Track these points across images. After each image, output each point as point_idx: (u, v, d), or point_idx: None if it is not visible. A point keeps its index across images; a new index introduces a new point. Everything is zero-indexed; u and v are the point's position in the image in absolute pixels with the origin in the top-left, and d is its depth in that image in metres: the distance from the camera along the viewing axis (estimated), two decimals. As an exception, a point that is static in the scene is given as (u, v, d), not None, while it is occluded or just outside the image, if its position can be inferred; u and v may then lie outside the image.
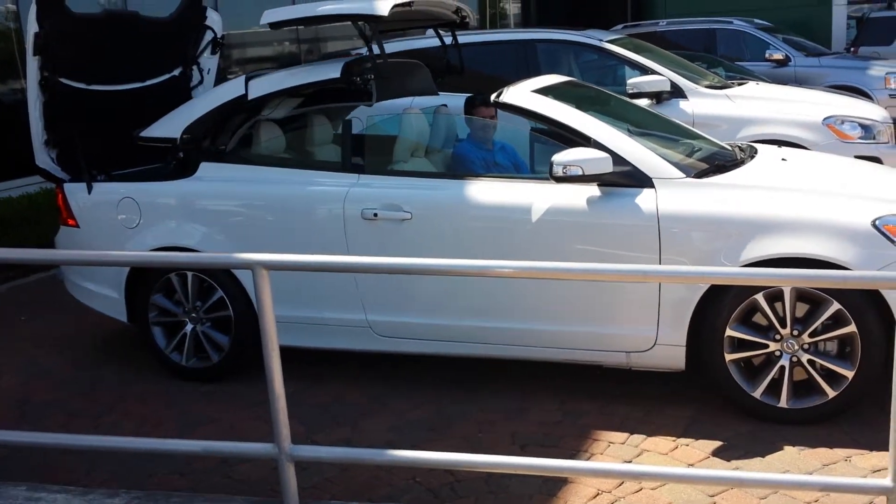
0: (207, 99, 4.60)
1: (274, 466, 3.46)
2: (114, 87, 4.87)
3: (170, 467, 3.58)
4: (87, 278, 4.74)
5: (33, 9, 4.47)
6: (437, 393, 4.17)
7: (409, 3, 4.34)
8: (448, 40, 5.67)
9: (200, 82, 5.50)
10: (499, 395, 4.08)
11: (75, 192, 4.66)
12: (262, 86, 4.47)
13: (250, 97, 4.47)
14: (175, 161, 4.68)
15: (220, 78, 5.62)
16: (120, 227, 4.52)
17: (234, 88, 4.52)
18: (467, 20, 5.35)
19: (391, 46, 7.45)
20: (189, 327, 4.45)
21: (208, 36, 5.48)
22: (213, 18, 5.53)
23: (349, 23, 4.52)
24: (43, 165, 4.75)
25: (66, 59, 4.62)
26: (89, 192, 4.61)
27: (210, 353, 4.44)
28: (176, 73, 5.31)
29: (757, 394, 3.62)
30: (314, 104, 4.96)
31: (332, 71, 4.36)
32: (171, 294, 4.46)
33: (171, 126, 4.52)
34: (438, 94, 5.40)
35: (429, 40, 7.59)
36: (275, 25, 4.40)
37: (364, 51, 5.45)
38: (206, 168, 4.49)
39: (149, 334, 4.52)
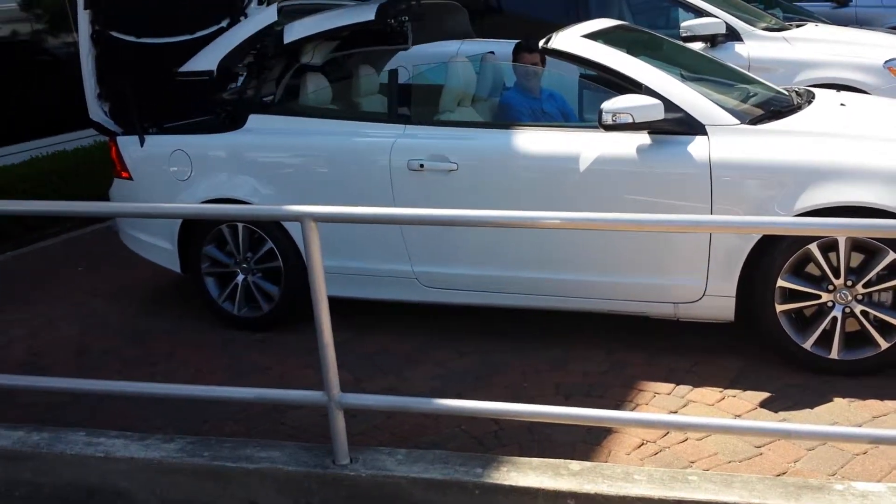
0: (241, 30, 4.60)
1: (324, 413, 3.54)
2: (163, 39, 4.91)
3: (223, 414, 3.70)
4: (142, 230, 4.85)
5: (83, -37, 4.51)
6: (480, 343, 4.20)
7: None
8: None
9: None
10: (542, 346, 4.09)
11: (128, 145, 4.74)
12: (297, 30, 4.46)
13: (286, 41, 4.46)
14: (225, 113, 4.72)
15: (268, 28, 5.62)
16: (172, 179, 4.60)
17: (265, 17, 4.50)
18: None
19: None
20: (240, 278, 4.54)
21: (257, -15, 5.47)
22: None
23: None
24: (96, 119, 4.83)
25: (117, 13, 4.66)
26: (142, 145, 4.69)
27: (261, 303, 4.53)
28: (224, 24, 5.32)
29: (807, 345, 3.56)
30: (351, 47, 4.91)
31: (367, 13, 4.31)
32: (222, 245, 4.54)
33: (207, 59, 4.54)
34: (475, 37, 5.29)
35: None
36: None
37: None
38: (254, 120, 4.52)
39: (202, 284, 4.62)
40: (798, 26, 7.13)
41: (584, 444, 3.24)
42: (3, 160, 7.38)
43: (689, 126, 3.72)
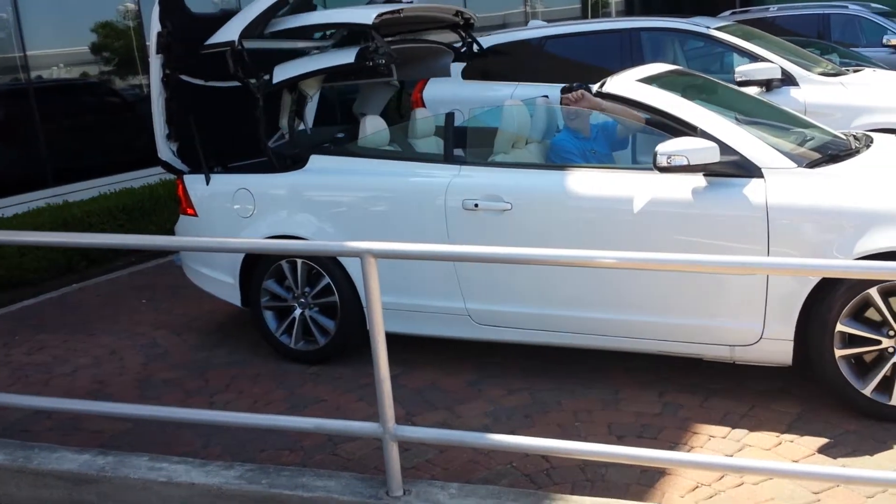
0: (258, 4, 4.78)
1: (377, 446, 3.60)
2: (229, 83, 5.11)
3: (279, 444, 3.77)
4: (205, 264, 5.00)
5: (156, 10, 4.76)
6: (531, 381, 4.21)
7: (398, 11, 4.65)
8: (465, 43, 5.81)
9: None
10: (594, 385, 4.09)
11: (194, 183, 4.93)
12: (285, 71, 4.75)
13: (275, 81, 4.73)
14: (287, 155, 4.88)
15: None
16: (235, 216, 4.76)
17: None
18: (471, 21, 5.56)
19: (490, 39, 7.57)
20: (298, 312, 4.65)
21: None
22: None
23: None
24: (165, 158, 5.04)
25: (186, 57, 4.88)
26: (207, 184, 4.87)
27: (317, 337, 4.63)
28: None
29: (867, 391, 3.49)
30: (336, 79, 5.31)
31: (347, 57, 4.65)
32: (281, 280, 4.67)
33: (228, 32, 4.71)
34: (450, 76, 5.78)
35: (531, 31, 7.61)
36: (277, 34, 4.73)
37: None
38: (315, 160, 4.67)
39: (260, 318, 4.74)
40: (855, 72, 7.09)
41: (638, 485, 3.22)
42: (74, 196, 7.71)
43: (745, 169, 3.73)
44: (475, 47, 5.67)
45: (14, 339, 5.52)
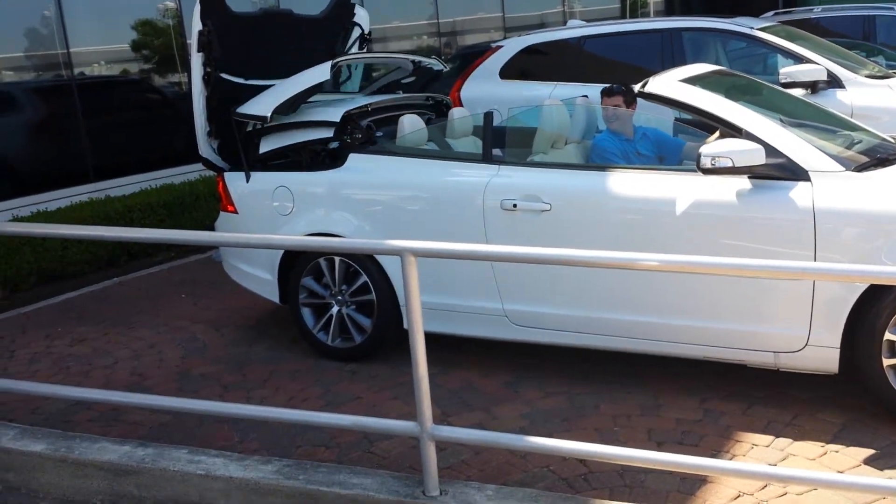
0: (294, 83, 4.84)
1: (413, 445, 3.60)
2: (269, 81, 5.15)
3: (315, 440, 3.78)
4: (244, 261, 5.04)
5: (197, 8, 4.81)
6: (568, 384, 4.17)
7: (365, 106, 4.98)
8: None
9: (349, 77, 5.74)
10: (633, 390, 4.04)
11: (235, 181, 4.97)
12: (270, 143, 4.90)
13: (261, 152, 4.89)
14: (326, 153, 4.91)
15: (366, 72, 5.90)
16: (275, 213, 4.79)
17: (318, 74, 4.79)
18: (443, 102, 5.70)
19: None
20: (335, 309, 4.66)
21: (356, 32, 5.70)
22: (361, 15, 5.75)
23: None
24: (205, 155, 5.09)
25: (227, 56, 4.93)
26: (247, 181, 4.91)
27: (353, 335, 4.64)
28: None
29: (918, 402, 3.41)
30: None
31: (327, 132, 4.79)
32: (319, 278, 4.69)
33: (262, 105, 4.79)
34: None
35: (569, 31, 7.56)
36: (275, 114, 4.79)
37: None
38: (354, 159, 4.68)
39: (298, 315, 4.76)
40: (904, 74, 6.93)
41: (678, 493, 3.17)
42: (115, 191, 7.83)
43: (792, 172, 3.66)
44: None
45: (56, 331, 5.62)
